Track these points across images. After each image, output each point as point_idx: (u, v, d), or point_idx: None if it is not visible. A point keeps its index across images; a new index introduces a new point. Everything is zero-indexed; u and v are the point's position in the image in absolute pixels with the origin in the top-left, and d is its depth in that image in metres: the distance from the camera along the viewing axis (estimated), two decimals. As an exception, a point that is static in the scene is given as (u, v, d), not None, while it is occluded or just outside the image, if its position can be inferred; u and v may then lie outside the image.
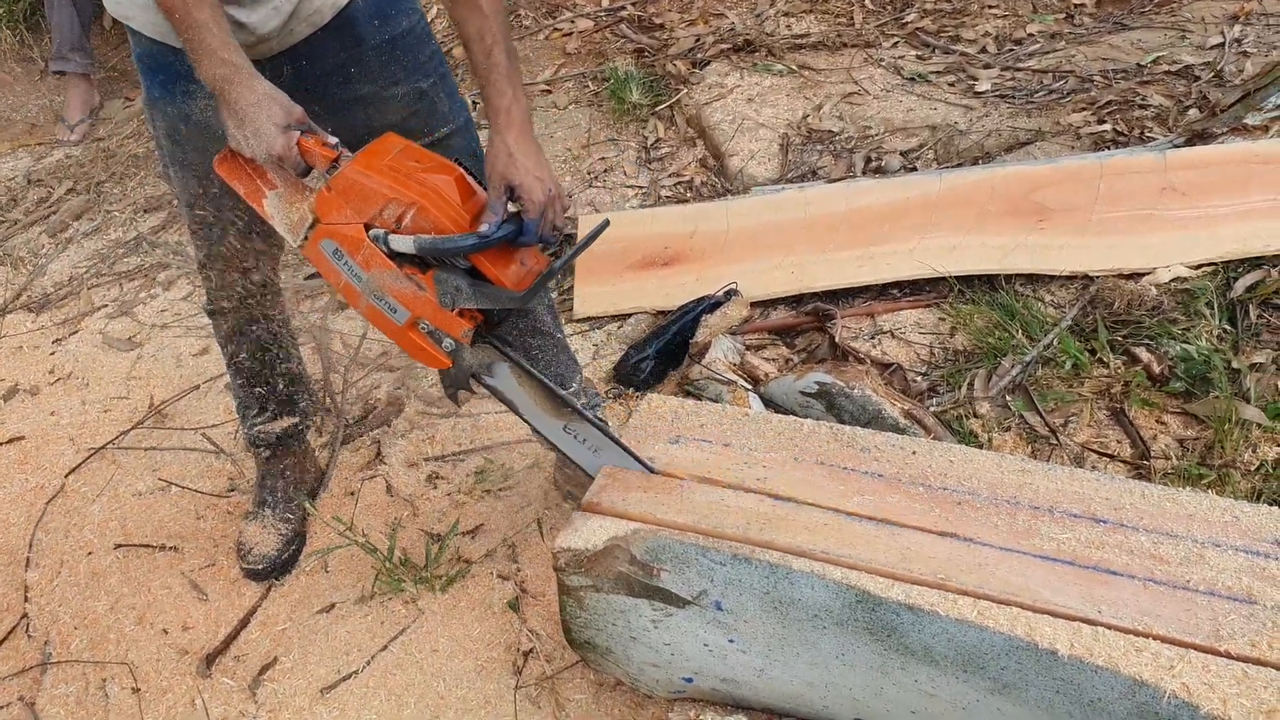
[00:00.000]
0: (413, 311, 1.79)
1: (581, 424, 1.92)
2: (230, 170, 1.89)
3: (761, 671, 1.78)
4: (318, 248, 1.81)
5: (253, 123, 1.73)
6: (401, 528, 2.51)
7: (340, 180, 1.75)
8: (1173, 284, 2.73)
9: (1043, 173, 3.05)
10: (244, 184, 1.89)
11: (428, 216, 1.71)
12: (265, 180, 1.88)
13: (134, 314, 3.56)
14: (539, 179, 1.79)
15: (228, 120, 1.75)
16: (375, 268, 1.77)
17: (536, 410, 1.94)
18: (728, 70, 4.09)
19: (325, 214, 1.78)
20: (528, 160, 1.80)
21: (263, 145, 1.74)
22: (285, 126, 1.74)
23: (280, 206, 1.86)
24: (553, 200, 1.80)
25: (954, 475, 1.82)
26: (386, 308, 1.80)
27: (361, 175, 1.74)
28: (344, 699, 2.19)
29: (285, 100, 1.76)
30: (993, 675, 1.55)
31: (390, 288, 1.78)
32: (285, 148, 1.73)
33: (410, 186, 1.72)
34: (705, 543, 1.72)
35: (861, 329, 2.89)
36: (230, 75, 1.72)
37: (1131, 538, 1.68)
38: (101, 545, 2.65)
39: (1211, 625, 1.52)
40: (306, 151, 1.76)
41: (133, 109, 4.91)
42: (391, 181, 1.72)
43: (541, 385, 1.92)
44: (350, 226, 1.76)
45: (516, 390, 1.93)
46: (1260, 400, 2.41)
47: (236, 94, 1.73)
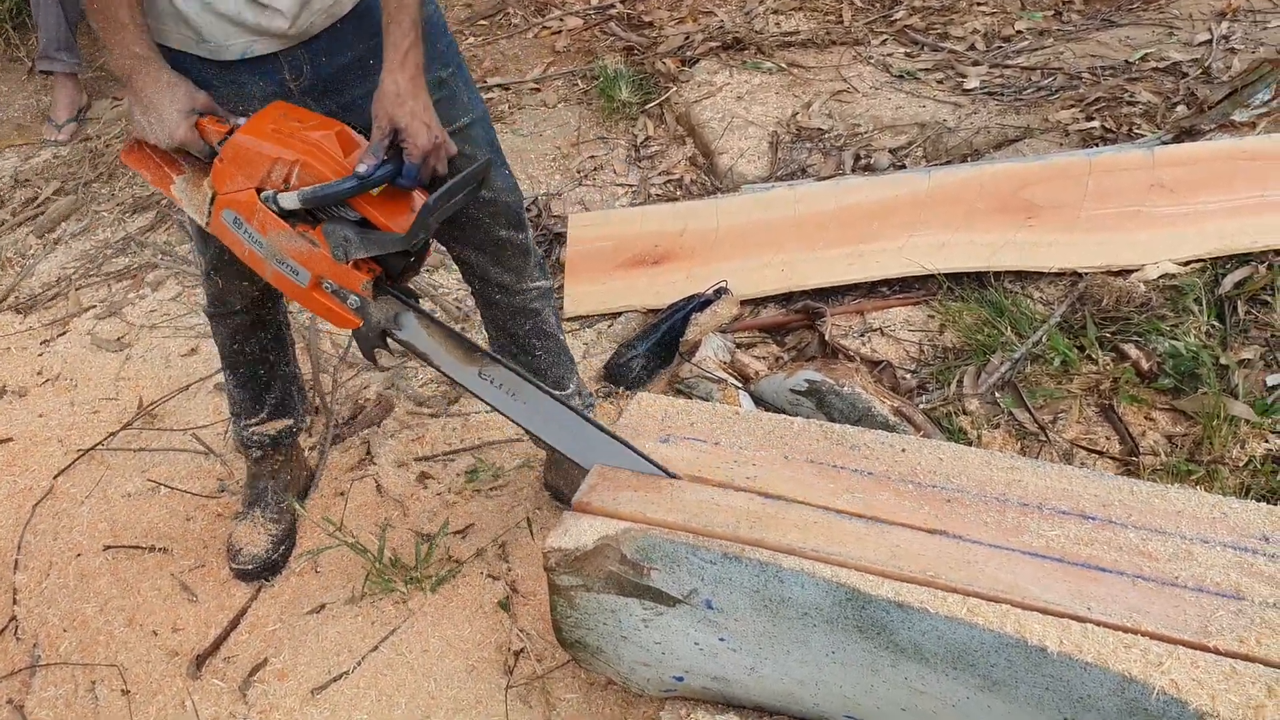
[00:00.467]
0: (311, 270, 1.81)
1: (495, 367, 1.91)
2: (137, 159, 1.93)
3: (752, 670, 1.78)
4: (220, 220, 1.84)
5: (156, 109, 1.80)
6: (391, 528, 2.51)
7: (229, 148, 1.79)
8: (1161, 280, 2.73)
9: (1031, 170, 3.05)
10: (151, 171, 1.93)
11: (312, 171, 1.74)
12: (173, 166, 1.92)
13: (122, 315, 3.55)
14: (425, 124, 1.79)
15: (134, 108, 1.82)
16: (271, 230, 1.79)
17: (450, 359, 1.93)
18: (717, 68, 4.09)
19: (221, 185, 1.82)
20: (416, 104, 1.80)
21: (165, 131, 1.81)
22: (188, 111, 1.80)
23: (187, 190, 1.90)
24: (437, 147, 1.81)
25: (943, 472, 1.82)
26: (289, 270, 1.83)
27: (247, 140, 1.77)
28: (335, 699, 2.19)
29: (189, 86, 1.82)
30: (982, 672, 1.56)
31: (287, 248, 1.80)
32: (187, 131, 1.80)
33: (292, 144, 1.75)
34: (695, 541, 1.72)
35: (851, 327, 2.89)
36: (137, 66, 1.79)
37: (1120, 534, 1.68)
38: (91, 547, 2.64)
39: (1200, 621, 1.52)
40: (205, 132, 1.82)
41: (121, 108, 4.88)
42: (274, 142, 1.76)
43: (451, 333, 1.92)
44: (243, 193, 1.79)
45: (427, 341, 1.92)
46: (1248, 396, 2.41)
47: (142, 82, 1.80)
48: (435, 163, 1.82)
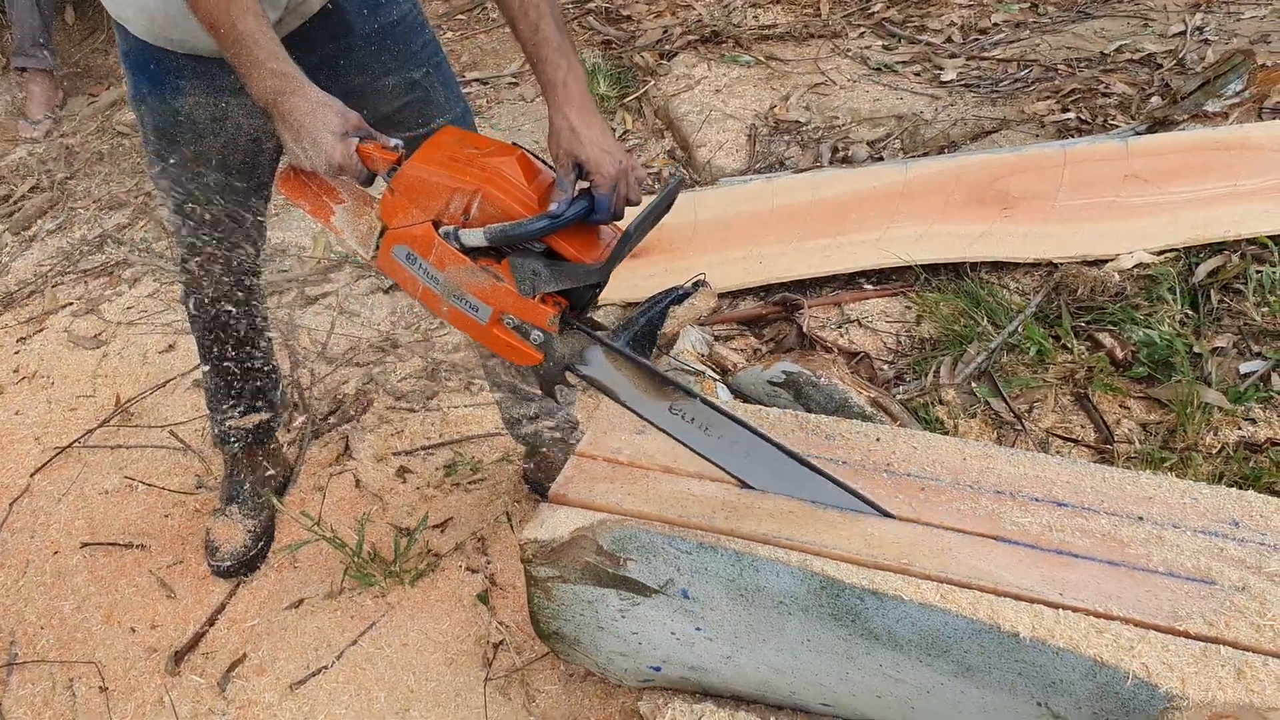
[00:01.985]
0: (494, 306, 1.68)
1: (688, 401, 1.78)
2: (293, 188, 1.79)
3: (729, 659, 1.78)
4: (390, 255, 1.71)
5: (310, 133, 1.65)
6: (370, 522, 2.51)
7: (401, 180, 1.66)
8: (1135, 270, 2.75)
9: (1007, 161, 3.07)
10: (309, 200, 1.80)
11: (494, 201, 1.61)
12: (331, 195, 1.79)
13: (99, 312, 3.53)
14: (607, 151, 1.70)
15: (284, 134, 1.68)
16: (450, 265, 1.67)
17: (638, 394, 1.80)
18: (695, 61, 4.10)
19: (392, 218, 1.69)
20: (592, 133, 1.71)
21: (322, 156, 1.66)
22: (343, 134, 1.66)
23: (349, 220, 1.78)
24: (624, 172, 1.70)
25: (917, 461, 1.83)
26: (468, 307, 1.70)
27: (421, 170, 1.65)
28: (314, 694, 2.19)
29: (340, 106, 1.68)
30: (956, 658, 1.57)
31: (468, 284, 1.67)
32: (345, 156, 1.66)
33: (471, 173, 1.63)
34: (671, 532, 1.72)
35: (829, 318, 2.91)
36: (282, 86, 1.65)
37: (1092, 520, 1.69)
38: (68, 544, 2.63)
39: (1170, 606, 1.54)
40: (367, 158, 1.68)
41: (97, 105, 4.86)
42: (451, 171, 1.64)
43: (640, 366, 1.78)
44: (419, 227, 1.66)
45: (615, 376, 1.79)
46: (1221, 384, 2.43)
47: (290, 104, 1.65)
48: (626, 190, 1.72)
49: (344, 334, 3.19)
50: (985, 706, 1.59)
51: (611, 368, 1.77)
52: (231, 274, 2.25)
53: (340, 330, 3.20)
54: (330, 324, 3.22)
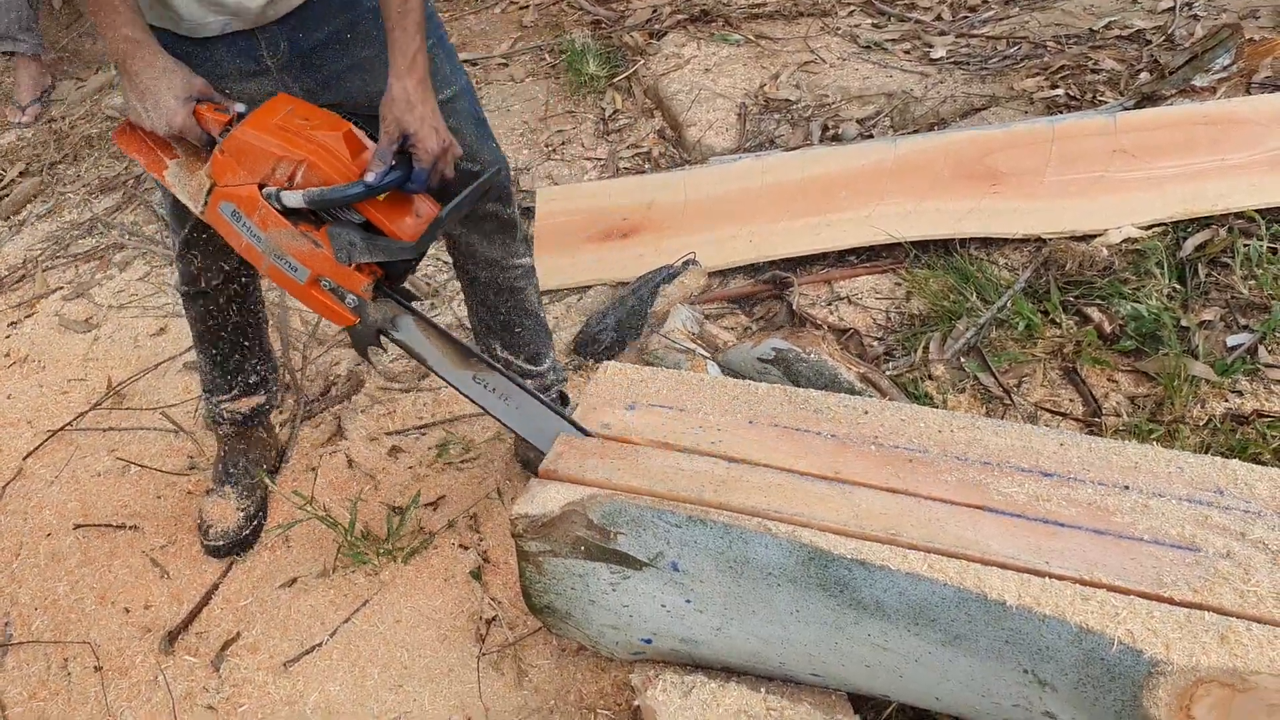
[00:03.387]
0: (312, 269, 1.80)
1: (489, 373, 1.93)
2: (129, 142, 1.90)
3: (719, 630, 1.80)
4: (217, 211, 1.82)
5: (153, 95, 1.77)
6: (363, 501, 2.52)
7: (232, 142, 1.77)
8: (1124, 245, 2.76)
9: (996, 137, 3.07)
10: (144, 155, 1.90)
11: (318, 172, 1.72)
12: (167, 151, 1.89)
13: (90, 295, 3.53)
14: (434, 128, 1.79)
15: (129, 93, 1.78)
16: (272, 227, 1.78)
17: (444, 362, 1.94)
18: (685, 40, 4.09)
19: (221, 177, 1.80)
20: (425, 109, 1.79)
21: (162, 117, 1.78)
22: (186, 98, 1.77)
23: (181, 176, 1.88)
24: (445, 151, 1.81)
25: (905, 434, 1.84)
26: (287, 267, 1.81)
27: (252, 136, 1.75)
28: (307, 671, 2.20)
29: (186, 72, 1.79)
30: (943, 627, 1.58)
31: (288, 246, 1.79)
32: (185, 119, 1.77)
33: (299, 144, 1.74)
34: (661, 505, 1.73)
35: (819, 296, 2.91)
36: (131, 50, 1.76)
37: (1078, 490, 1.70)
38: (61, 526, 2.64)
39: (1155, 573, 1.55)
40: (203, 120, 1.79)
41: (85, 89, 4.85)
42: (281, 140, 1.74)
43: (447, 337, 1.92)
44: (245, 187, 1.77)
45: (423, 343, 1.92)
46: (1209, 356, 2.45)
47: (137, 67, 1.76)
48: (444, 167, 1.82)
49: (335, 315, 3.19)
50: (973, 674, 1.61)
51: (421, 335, 1.91)
52: (228, 264, 2.25)
53: (331, 312, 3.20)
54: (321, 305, 3.21)
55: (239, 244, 1.84)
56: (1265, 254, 2.63)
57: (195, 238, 2.17)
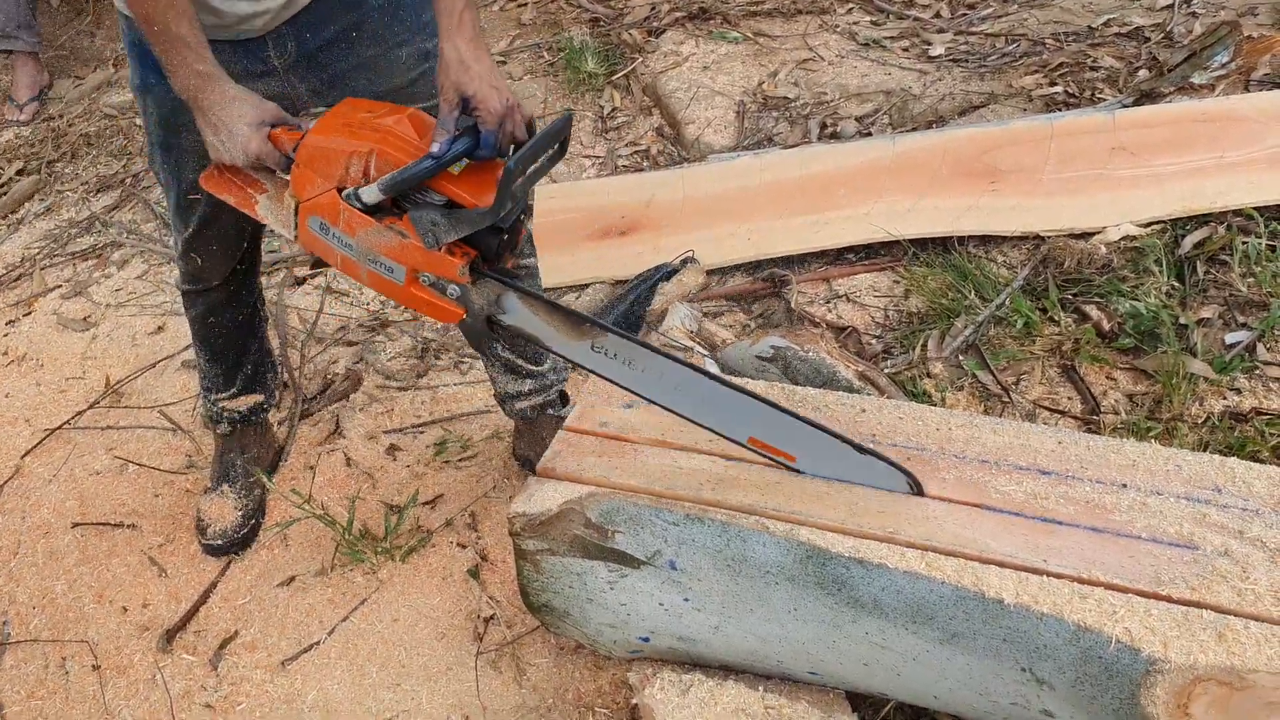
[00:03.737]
0: (405, 264, 1.70)
1: (607, 337, 1.75)
2: (217, 184, 1.85)
3: (716, 629, 1.79)
4: (308, 230, 1.75)
5: (226, 126, 1.72)
6: (361, 500, 2.52)
7: (303, 152, 1.71)
8: (1122, 242, 2.76)
9: (994, 135, 3.07)
10: (233, 194, 1.84)
11: (388, 159, 1.65)
12: (254, 185, 1.83)
13: (88, 294, 3.53)
14: (494, 88, 1.69)
15: (204, 129, 1.74)
16: (359, 229, 1.70)
17: (560, 336, 1.79)
18: (683, 38, 4.08)
19: (302, 191, 1.73)
20: (481, 67, 1.70)
21: (239, 146, 1.72)
22: (259, 124, 1.72)
23: (272, 207, 1.82)
24: (511, 110, 1.70)
25: (903, 431, 1.84)
26: (384, 269, 1.73)
27: (319, 139, 1.70)
28: (306, 670, 2.20)
29: (255, 99, 1.73)
30: (941, 625, 1.58)
31: (377, 245, 1.70)
32: (260, 144, 1.71)
33: (364, 134, 1.68)
34: (659, 504, 1.73)
35: (817, 294, 2.91)
36: (202, 85, 1.72)
37: (1076, 488, 1.70)
38: (59, 525, 2.64)
39: (1153, 571, 1.55)
40: (279, 142, 1.73)
41: (83, 88, 4.84)
42: (346, 136, 1.69)
43: (555, 307, 1.78)
44: (324, 195, 1.71)
45: (535, 322, 1.78)
46: (1207, 354, 2.44)
47: (208, 100, 1.72)
48: (513, 127, 1.71)
49: (333, 314, 3.19)
50: (971, 673, 1.61)
51: (529, 313, 1.78)
52: (230, 261, 2.25)
53: (329, 310, 3.20)
54: (319, 304, 3.22)
55: (335, 259, 1.76)
56: (1264, 251, 2.63)
57: (198, 236, 2.17)
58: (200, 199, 2.09)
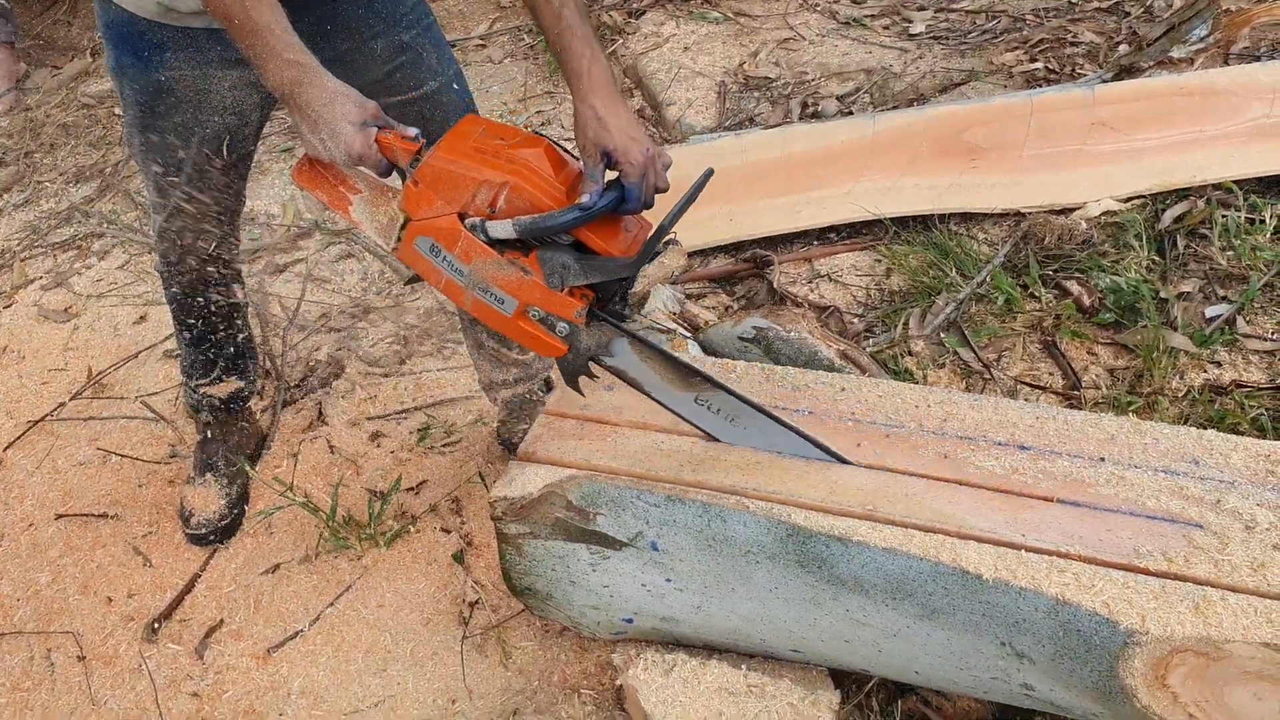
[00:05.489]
0: (521, 299, 1.66)
1: (714, 392, 1.78)
2: (310, 179, 1.76)
3: (699, 608, 1.80)
4: (413, 247, 1.68)
5: (328, 124, 1.63)
6: (344, 486, 2.51)
7: (426, 171, 1.64)
8: (1102, 217, 2.77)
9: (974, 112, 3.07)
10: (327, 192, 1.76)
11: (522, 195, 1.59)
12: (348, 185, 1.76)
13: (69, 285, 3.51)
14: (634, 140, 1.67)
15: (301, 124, 1.65)
16: (476, 258, 1.64)
17: (664, 385, 1.80)
18: (664, 19, 4.07)
19: (415, 210, 1.66)
20: (619, 121, 1.69)
21: (340, 147, 1.63)
22: (361, 124, 1.63)
23: (367, 210, 1.75)
24: (651, 160, 1.69)
25: (882, 409, 1.84)
26: (493, 299, 1.67)
27: (447, 162, 1.63)
28: (291, 657, 2.20)
29: (358, 96, 1.66)
30: (921, 601, 1.59)
31: (494, 277, 1.65)
32: (364, 146, 1.63)
33: (499, 166, 1.61)
34: (639, 486, 1.73)
35: (799, 274, 2.91)
36: (299, 77, 1.63)
37: (1055, 463, 1.71)
38: (42, 517, 2.63)
39: (1131, 544, 1.56)
40: (386, 148, 1.65)
41: (61, 77, 4.81)
42: (478, 164, 1.62)
43: (666, 358, 1.78)
44: (444, 219, 1.64)
45: (640, 367, 1.78)
46: (1187, 328, 2.45)
47: (308, 95, 1.63)
48: (655, 178, 1.71)
49: (315, 301, 3.18)
50: (950, 648, 1.61)
51: (638, 360, 1.76)
52: (208, 245, 2.23)
53: (311, 297, 3.19)
54: (301, 291, 3.21)
55: (438, 280, 1.70)
56: (1243, 225, 2.64)
57: (175, 219, 2.16)
58: (177, 183, 2.08)
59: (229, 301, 2.41)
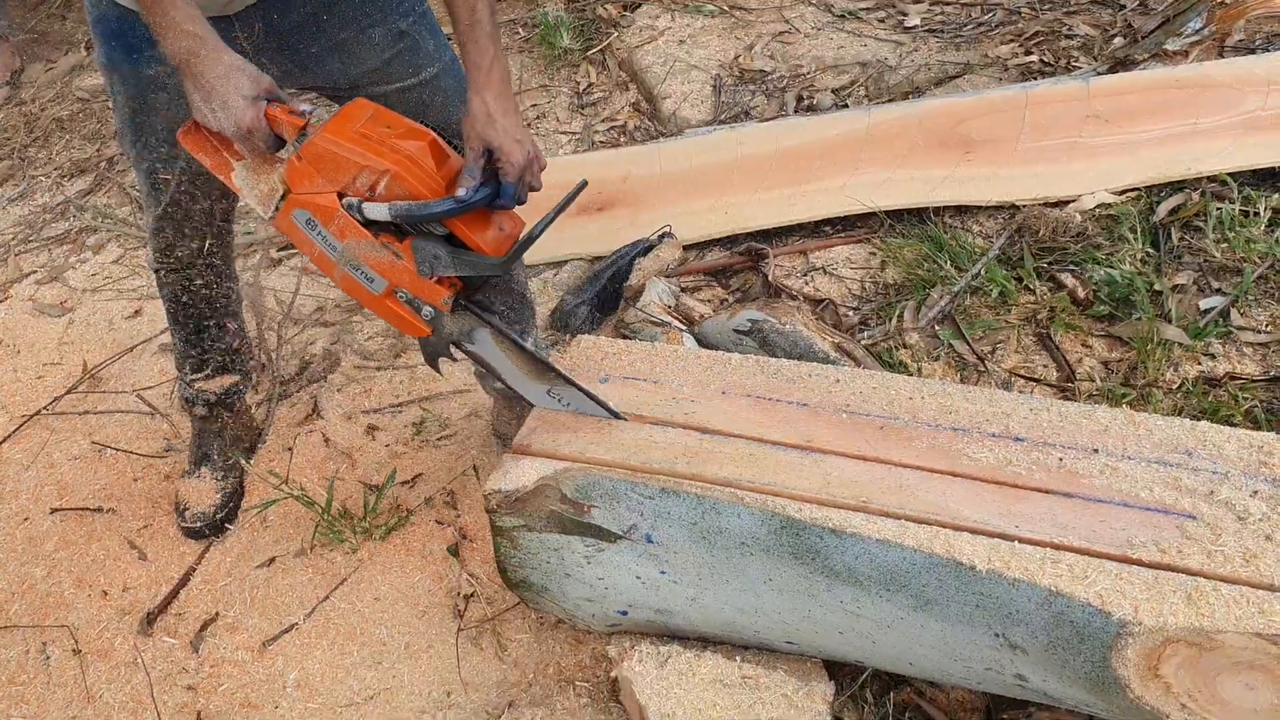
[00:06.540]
0: (390, 280, 1.75)
1: (565, 387, 1.89)
2: (195, 143, 1.83)
3: (693, 600, 1.80)
4: (290, 219, 1.76)
5: (220, 95, 1.68)
6: (340, 480, 2.51)
7: (311, 149, 1.70)
8: (1097, 210, 2.77)
9: (969, 105, 3.07)
10: (210, 156, 1.83)
11: (402, 183, 1.67)
12: (232, 152, 1.81)
13: (64, 279, 3.51)
14: (518, 141, 1.74)
15: (193, 94, 1.70)
16: (350, 237, 1.73)
17: (519, 375, 1.90)
18: (659, 12, 4.06)
19: (296, 184, 1.74)
20: (507, 121, 1.75)
21: (230, 118, 1.69)
22: (254, 97, 1.69)
23: (249, 178, 1.81)
24: (532, 162, 1.77)
25: (876, 401, 1.84)
26: (363, 277, 1.76)
27: (332, 143, 1.69)
28: (287, 650, 2.20)
29: (253, 70, 1.71)
30: (914, 592, 1.59)
31: (366, 257, 1.74)
32: (254, 119, 1.69)
33: (383, 153, 1.68)
34: (634, 478, 1.74)
35: (794, 267, 2.91)
36: (195, 48, 1.68)
37: (1048, 454, 1.71)
38: (37, 511, 2.63)
39: (1124, 535, 1.56)
40: (274, 121, 1.71)
41: (55, 71, 4.79)
42: (364, 149, 1.68)
43: (522, 350, 1.88)
44: (323, 196, 1.72)
45: (498, 355, 1.88)
46: (1182, 320, 2.46)
47: (202, 66, 1.68)
48: (530, 179, 1.78)
49: (309, 295, 3.18)
50: (944, 639, 1.62)
51: (497, 349, 1.88)
52: (202, 239, 2.23)
53: (306, 291, 3.19)
54: (296, 285, 3.20)
55: (311, 252, 1.78)
56: (1237, 217, 2.64)
57: (169, 214, 2.15)
58: (171, 178, 2.08)
59: (224, 297, 2.41)
